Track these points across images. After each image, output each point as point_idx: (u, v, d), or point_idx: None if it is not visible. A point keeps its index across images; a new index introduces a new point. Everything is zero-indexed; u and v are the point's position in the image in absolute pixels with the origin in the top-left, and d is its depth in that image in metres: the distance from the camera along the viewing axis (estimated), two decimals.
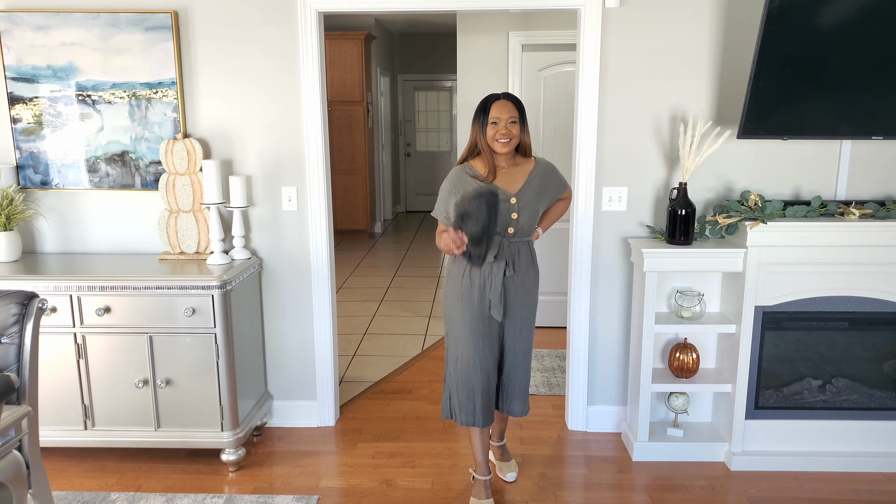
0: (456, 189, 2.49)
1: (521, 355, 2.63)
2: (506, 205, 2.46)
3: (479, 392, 2.57)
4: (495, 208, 2.34)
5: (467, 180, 2.48)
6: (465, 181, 2.48)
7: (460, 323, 2.55)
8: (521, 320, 2.59)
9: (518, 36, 4.44)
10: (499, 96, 2.48)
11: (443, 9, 3.04)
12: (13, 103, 3.09)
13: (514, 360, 2.63)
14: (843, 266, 2.83)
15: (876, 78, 2.71)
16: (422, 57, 10.02)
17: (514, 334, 2.60)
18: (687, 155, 2.86)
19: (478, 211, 2.30)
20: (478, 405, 2.58)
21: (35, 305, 2.07)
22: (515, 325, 2.59)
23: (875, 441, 2.98)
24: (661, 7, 2.92)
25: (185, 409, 2.90)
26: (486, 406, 2.60)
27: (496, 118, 2.42)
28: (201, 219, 3.13)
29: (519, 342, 2.61)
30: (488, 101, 2.47)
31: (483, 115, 2.45)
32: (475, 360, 2.54)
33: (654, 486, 2.87)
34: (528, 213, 2.49)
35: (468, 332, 2.53)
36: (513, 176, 2.51)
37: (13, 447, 1.95)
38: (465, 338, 2.54)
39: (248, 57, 3.05)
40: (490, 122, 2.43)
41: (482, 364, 2.55)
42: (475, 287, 2.51)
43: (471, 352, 2.54)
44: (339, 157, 8.00)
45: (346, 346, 4.53)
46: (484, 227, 2.32)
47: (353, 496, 2.79)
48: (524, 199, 2.48)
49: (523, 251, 2.54)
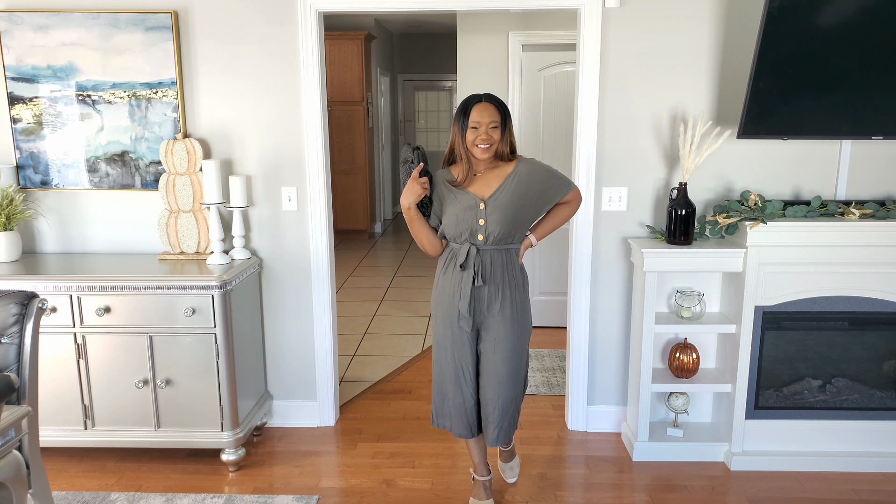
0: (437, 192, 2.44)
1: (495, 379, 2.41)
2: (471, 211, 2.35)
3: (452, 401, 2.49)
4: None
5: (444, 184, 2.42)
6: (442, 184, 2.42)
7: (437, 328, 2.50)
8: (496, 339, 2.40)
9: (518, 36, 4.44)
10: (480, 98, 2.34)
11: (443, 9, 3.04)
12: (13, 103, 3.09)
13: (488, 382, 2.44)
14: (843, 266, 2.83)
15: (876, 78, 2.71)
16: (422, 57, 10.02)
17: (489, 354, 2.43)
18: (687, 155, 2.86)
19: None
20: (452, 415, 2.50)
21: (35, 305, 2.07)
22: (489, 342, 2.42)
23: (875, 441, 2.98)
24: (661, 7, 2.92)
25: (185, 409, 2.90)
26: (460, 418, 2.49)
27: (476, 122, 2.29)
28: (201, 219, 3.13)
29: (493, 363, 2.41)
30: (469, 103, 2.33)
31: (463, 117, 2.32)
32: (447, 368, 2.47)
33: (654, 486, 2.87)
34: (499, 219, 2.33)
35: (442, 339, 2.47)
36: (488, 180, 2.39)
37: (13, 447, 1.95)
38: (439, 344, 2.49)
39: (248, 57, 3.05)
40: (470, 126, 2.30)
41: (454, 374, 2.46)
42: (445, 294, 2.43)
43: (444, 359, 2.48)
44: (339, 157, 8.00)
45: (346, 346, 4.53)
46: None
47: (353, 496, 2.79)
48: (494, 203, 2.34)
49: (498, 260, 2.39)
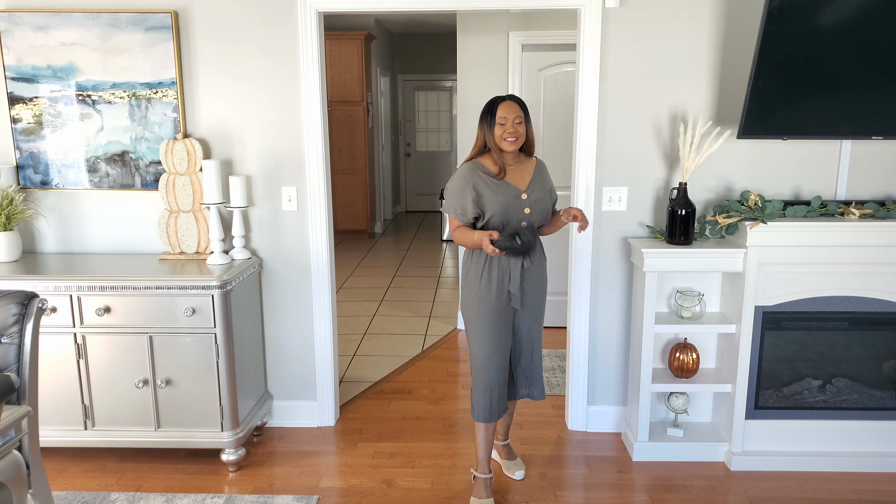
0: (466, 184, 2.53)
1: (536, 342, 2.76)
2: (517, 201, 2.54)
3: (496, 385, 2.64)
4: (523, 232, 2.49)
5: (479, 175, 2.54)
6: (477, 176, 2.54)
7: (478, 320, 2.61)
8: (535, 310, 2.70)
9: (518, 36, 4.44)
10: (504, 98, 2.55)
11: (443, 9, 3.04)
12: (13, 103, 3.09)
13: (531, 347, 2.74)
14: (843, 266, 2.83)
15: (876, 78, 2.71)
16: (422, 57, 10.02)
17: (531, 323, 2.71)
18: (687, 155, 2.86)
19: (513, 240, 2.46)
20: (494, 399, 2.65)
21: (35, 305, 2.07)
22: (531, 314, 2.69)
23: (875, 441, 2.98)
24: (661, 7, 2.92)
25: (185, 409, 2.90)
26: (501, 399, 2.68)
27: (503, 118, 2.49)
28: (201, 219, 3.13)
29: (534, 330, 2.74)
30: (494, 103, 2.54)
31: (490, 116, 2.53)
32: (493, 354, 2.61)
33: (654, 486, 2.87)
34: (539, 209, 2.56)
35: (486, 328, 2.60)
36: (520, 173, 2.59)
37: (13, 447, 1.95)
38: (484, 334, 2.61)
39: (248, 57, 3.05)
40: (497, 123, 2.50)
41: (501, 358, 2.63)
42: (493, 282, 2.57)
43: (489, 347, 2.61)
44: (339, 157, 8.00)
45: (346, 346, 4.53)
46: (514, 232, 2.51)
47: (353, 496, 2.79)
48: (534, 194, 2.57)
49: (536, 243, 2.61)
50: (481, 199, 2.52)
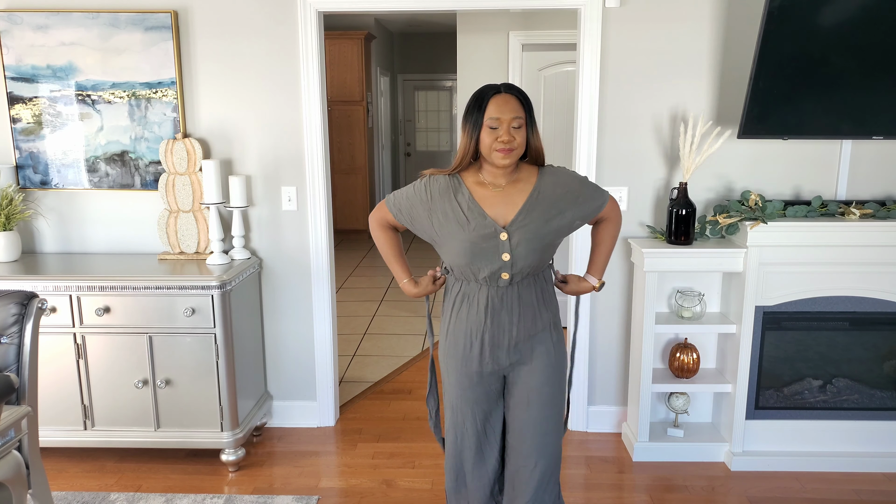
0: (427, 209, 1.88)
1: (531, 439, 1.91)
2: (492, 242, 1.80)
3: (472, 477, 1.97)
4: None
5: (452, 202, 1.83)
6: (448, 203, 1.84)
7: (450, 388, 1.97)
8: (529, 393, 1.90)
9: (518, 36, 4.44)
10: (499, 88, 1.79)
11: (443, 9, 3.04)
12: (13, 103, 3.09)
13: (520, 443, 1.92)
14: (843, 266, 2.82)
15: (876, 78, 2.71)
16: (422, 57, 10.02)
17: (521, 410, 1.91)
18: (687, 155, 2.86)
19: None
20: (472, 494, 1.99)
21: (35, 305, 2.07)
22: (521, 397, 1.91)
23: (875, 441, 2.98)
24: (661, 7, 2.91)
25: (185, 410, 2.90)
26: (482, 494, 2.00)
27: (495, 120, 1.75)
28: (201, 219, 3.12)
29: (527, 422, 1.91)
30: (484, 95, 1.78)
31: (477, 112, 1.78)
32: (468, 437, 1.95)
33: (654, 486, 2.86)
34: (527, 251, 1.81)
35: (458, 401, 1.95)
36: (509, 197, 1.83)
37: (13, 447, 1.95)
38: (454, 407, 1.97)
39: (247, 57, 3.04)
40: (486, 125, 1.76)
41: (476, 443, 1.95)
42: (460, 346, 1.90)
43: (461, 425, 1.95)
44: (339, 157, 8.00)
45: (346, 346, 4.53)
46: None
47: (353, 496, 2.79)
48: (521, 232, 1.81)
49: (529, 297, 1.88)
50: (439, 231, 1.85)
